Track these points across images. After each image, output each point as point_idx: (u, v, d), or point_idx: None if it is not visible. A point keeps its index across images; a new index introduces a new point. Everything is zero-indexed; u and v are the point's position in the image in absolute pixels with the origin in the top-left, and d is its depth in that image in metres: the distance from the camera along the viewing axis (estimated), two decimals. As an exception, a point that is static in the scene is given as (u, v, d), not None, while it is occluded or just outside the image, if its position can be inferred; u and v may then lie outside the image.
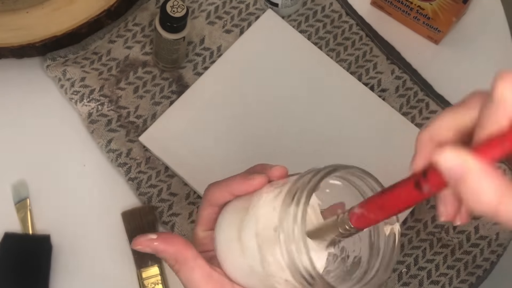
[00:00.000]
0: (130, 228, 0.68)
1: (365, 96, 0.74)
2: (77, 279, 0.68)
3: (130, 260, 0.68)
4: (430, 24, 0.76)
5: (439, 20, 0.74)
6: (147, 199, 0.70)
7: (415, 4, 0.74)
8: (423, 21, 0.76)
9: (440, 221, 0.37)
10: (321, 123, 0.73)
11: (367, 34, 0.77)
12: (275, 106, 0.73)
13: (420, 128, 0.74)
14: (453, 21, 0.73)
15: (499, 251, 0.71)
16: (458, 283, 0.70)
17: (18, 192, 0.69)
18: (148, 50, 0.75)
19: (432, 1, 0.72)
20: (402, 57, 0.77)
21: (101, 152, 0.72)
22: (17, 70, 0.74)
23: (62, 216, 0.69)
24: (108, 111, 0.72)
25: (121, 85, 0.73)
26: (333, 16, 0.78)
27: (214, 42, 0.76)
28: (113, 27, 0.75)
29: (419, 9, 0.74)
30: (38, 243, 0.67)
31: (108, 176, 0.71)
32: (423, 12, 0.74)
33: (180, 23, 0.67)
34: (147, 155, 0.71)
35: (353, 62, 0.76)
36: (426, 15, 0.74)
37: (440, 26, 0.75)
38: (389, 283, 0.69)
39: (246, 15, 0.77)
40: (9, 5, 0.71)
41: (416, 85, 0.76)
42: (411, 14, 0.76)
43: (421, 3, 0.73)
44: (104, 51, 0.74)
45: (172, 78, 0.74)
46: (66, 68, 0.72)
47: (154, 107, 0.73)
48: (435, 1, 0.72)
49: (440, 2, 0.72)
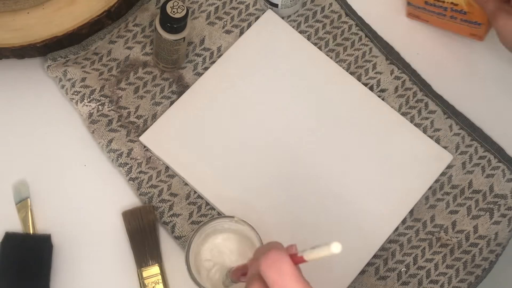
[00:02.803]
0: (130, 228, 0.68)
1: (365, 96, 0.74)
2: (77, 279, 0.68)
3: (131, 259, 0.68)
4: (468, 20, 0.72)
5: (476, 12, 0.70)
6: (147, 199, 0.70)
7: (447, 2, 0.71)
8: (460, 18, 0.72)
9: None
10: (321, 123, 0.73)
11: (367, 34, 0.78)
12: (275, 106, 0.74)
13: (419, 128, 0.74)
14: None
15: (498, 250, 0.71)
16: (457, 283, 0.70)
17: (19, 192, 0.70)
18: (148, 50, 0.75)
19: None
20: (401, 57, 0.77)
21: (101, 152, 0.72)
22: (18, 71, 0.74)
23: (62, 216, 0.70)
24: (109, 111, 0.72)
25: (121, 86, 0.73)
26: (333, 17, 0.78)
27: (214, 43, 0.76)
28: (114, 28, 0.75)
29: (452, 6, 0.71)
30: (39, 242, 0.68)
31: (108, 176, 0.71)
32: (457, 8, 0.71)
33: (180, 24, 0.67)
34: (147, 155, 0.71)
35: (353, 62, 0.77)
36: (461, 10, 0.71)
37: (479, 19, 0.71)
38: (389, 282, 0.70)
39: (246, 16, 0.77)
40: (10, 6, 0.71)
41: (415, 85, 0.76)
42: (447, 14, 0.73)
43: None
44: (104, 52, 0.74)
45: (172, 78, 0.74)
46: (67, 68, 0.73)
47: (155, 107, 0.73)
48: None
49: None
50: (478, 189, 0.73)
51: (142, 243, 0.68)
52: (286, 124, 0.73)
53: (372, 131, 0.73)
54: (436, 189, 0.73)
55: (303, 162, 0.72)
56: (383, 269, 0.70)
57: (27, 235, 0.68)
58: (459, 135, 0.75)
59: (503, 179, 0.73)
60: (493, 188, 0.73)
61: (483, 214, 0.72)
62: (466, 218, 0.72)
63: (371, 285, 0.69)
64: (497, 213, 0.72)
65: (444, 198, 0.72)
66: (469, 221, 0.72)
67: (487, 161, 0.74)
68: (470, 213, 0.72)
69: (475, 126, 0.75)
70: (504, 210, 0.72)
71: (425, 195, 0.72)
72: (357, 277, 0.69)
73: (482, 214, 0.72)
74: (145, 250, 0.68)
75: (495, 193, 0.73)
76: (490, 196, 0.73)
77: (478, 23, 0.71)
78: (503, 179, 0.73)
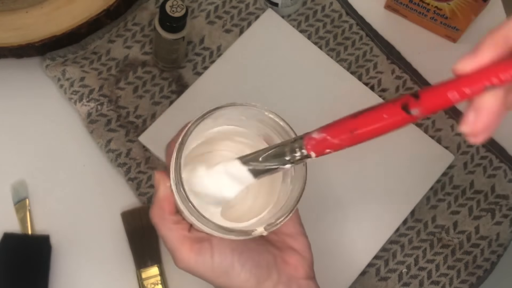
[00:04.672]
0: (129, 228, 0.68)
1: (366, 96, 0.74)
2: (76, 280, 0.68)
3: (130, 260, 0.68)
4: (448, 24, 0.75)
5: (457, 19, 0.74)
6: (147, 199, 0.70)
7: (432, 5, 0.74)
8: (440, 21, 0.75)
9: (460, 129, 0.36)
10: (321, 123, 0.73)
11: (367, 33, 0.77)
12: (275, 106, 0.73)
13: (420, 128, 0.74)
14: (472, 19, 0.73)
15: (500, 251, 0.71)
16: (459, 284, 0.70)
17: (18, 192, 0.69)
18: (147, 50, 0.74)
19: (450, 1, 0.72)
20: (402, 56, 0.77)
21: (100, 152, 0.72)
22: (16, 70, 0.74)
23: (61, 216, 0.69)
24: (108, 111, 0.72)
25: (120, 85, 0.73)
26: (333, 16, 0.78)
27: (213, 42, 0.76)
28: (113, 27, 0.74)
29: (436, 10, 0.74)
30: (37, 243, 0.67)
31: (107, 176, 0.71)
32: (441, 13, 0.74)
33: (179, 23, 0.67)
34: (146, 155, 0.71)
35: (353, 61, 0.76)
36: (443, 15, 0.74)
37: (458, 25, 0.74)
38: (390, 283, 0.69)
39: (246, 15, 0.77)
40: (8, 5, 0.71)
41: (416, 85, 0.76)
42: (428, 15, 0.75)
43: (438, 4, 0.73)
44: (103, 51, 0.74)
45: (171, 78, 0.74)
46: (66, 68, 0.72)
47: (154, 107, 0.73)
48: (453, 1, 0.71)
49: (458, 2, 0.71)
50: (480, 190, 0.73)
51: (141, 243, 0.68)
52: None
53: (373, 131, 0.73)
54: (437, 190, 0.72)
55: (304, 162, 0.71)
56: (384, 270, 0.70)
57: (26, 235, 0.68)
58: (461, 135, 0.74)
59: (505, 179, 0.73)
60: (495, 188, 0.73)
61: (485, 215, 0.72)
62: (468, 218, 0.72)
63: (372, 286, 0.69)
64: (498, 213, 0.72)
65: (446, 198, 0.72)
66: (471, 222, 0.71)
67: (489, 161, 0.73)
68: (471, 214, 0.72)
69: (476, 126, 0.75)
70: (506, 210, 0.72)
71: (426, 195, 0.72)
72: (357, 278, 0.69)
73: (483, 215, 0.72)
74: (144, 251, 0.67)
75: (497, 193, 0.73)
76: (491, 197, 0.72)
77: (456, 28, 0.75)
78: (505, 180, 0.73)
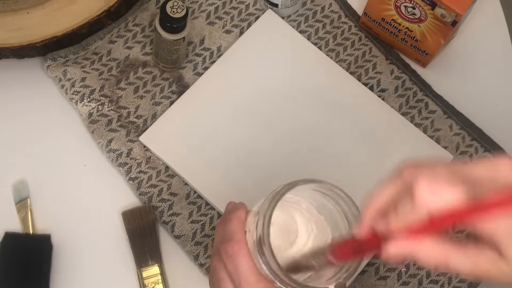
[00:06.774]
0: (130, 228, 0.68)
1: (365, 96, 0.74)
2: (77, 279, 0.68)
3: (130, 259, 0.68)
4: (417, 47, 0.74)
5: (427, 42, 0.73)
6: (147, 199, 0.70)
7: (403, 26, 0.73)
8: (410, 43, 0.75)
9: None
10: (321, 123, 0.73)
11: (366, 34, 0.78)
12: (275, 106, 0.74)
13: (419, 128, 0.74)
14: (441, 44, 0.72)
15: (498, 250, 0.71)
16: (457, 283, 0.70)
17: (19, 192, 0.70)
18: (148, 50, 0.75)
19: (421, 23, 0.71)
20: (401, 57, 0.77)
21: (101, 152, 0.72)
22: (17, 70, 0.74)
23: (62, 216, 0.70)
24: (109, 111, 0.72)
25: (121, 85, 0.73)
26: (333, 17, 0.78)
27: (214, 43, 0.76)
28: (113, 28, 0.75)
29: (407, 31, 0.73)
30: (38, 242, 0.67)
31: (108, 176, 0.71)
32: (411, 34, 0.73)
33: (180, 24, 0.67)
34: (147, 155, 0.71)
35: (353, 62, 0.77)
36: (414, 37, 0.73)
37: (427, 49, 0.74)
38: (389, 282, 0.69)
39: (246, 16, 0.77)
40: (9, 6, 0.71)
41: (415, 85, 0.76)
42: (399, 35, 0.75)
43: (409, 25, 0.72)
44: (104, 51, 0.74)
45: (172, 78, 0.74)
46: (67, 68, 0.73)
47: (154, 107, 0.73)
48: (423, 23, 0.71)
49: (428, 24, 0.70)
50: (478, 189, 0.73)
51: (141, 243, 0.68)
52: (286, 124, 0.73)
53: (372, 131, 0.73)
54: (436, 189, 0.72)
55: (304, 162, 0.72)
56: (383, 269, 0.70)
57: (27, 235, 0.68)
58: (459, 135, 0.75)
59: (503, 179, 0.73)
60: (493, 188, 0.73)
61: (483, 214, 0.72)
62: (466, 218, 0.72)
63: (371, 285, 0.69)
64: (497, 213, 0.72)
65: (444, 198, 0.72)
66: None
67: (487, 161, 0.74)
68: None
69: (475, 126, 0.75)
70: (504, 210, 0.72)
71: (425, 195, 0.72)
72: (357, 277, 0.69)
73: (482, 214, 0.72)
74: (144, 250, 0.68)
75: (495, 193, 0.73)
76: (490, 196, 0.72)
77: (426, 53, 0.75)
78: (503, 179, 0.73)
